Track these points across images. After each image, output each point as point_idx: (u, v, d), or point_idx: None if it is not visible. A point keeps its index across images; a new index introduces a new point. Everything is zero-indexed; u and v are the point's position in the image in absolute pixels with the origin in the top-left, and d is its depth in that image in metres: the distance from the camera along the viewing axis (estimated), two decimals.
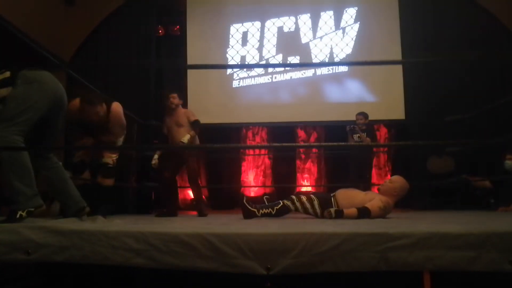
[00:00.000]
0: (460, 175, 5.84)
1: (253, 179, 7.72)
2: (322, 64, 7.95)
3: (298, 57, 7.29)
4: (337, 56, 7.28)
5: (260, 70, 7.38)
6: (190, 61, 7.33)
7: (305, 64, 8.13)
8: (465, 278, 1.94)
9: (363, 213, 3.37)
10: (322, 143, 7.47)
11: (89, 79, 3.96)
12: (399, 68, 7.16)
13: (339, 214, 3.34)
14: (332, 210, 3.36)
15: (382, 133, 7.78)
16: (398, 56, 7.02)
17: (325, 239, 1.86)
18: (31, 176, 2.59)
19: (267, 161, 7.81)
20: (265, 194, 4.04)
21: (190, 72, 7.40)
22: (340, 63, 7.96)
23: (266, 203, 3.61)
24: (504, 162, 5.39)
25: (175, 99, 4.89)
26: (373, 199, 3.52)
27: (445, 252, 1.84)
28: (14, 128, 2.54)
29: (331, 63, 8.05)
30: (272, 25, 7.44)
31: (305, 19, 7.42)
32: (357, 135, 5.81)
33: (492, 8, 7.02)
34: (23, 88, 2.65)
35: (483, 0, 7.04)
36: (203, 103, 7.25)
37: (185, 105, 7.63)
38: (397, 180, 3.76)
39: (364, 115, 5.93)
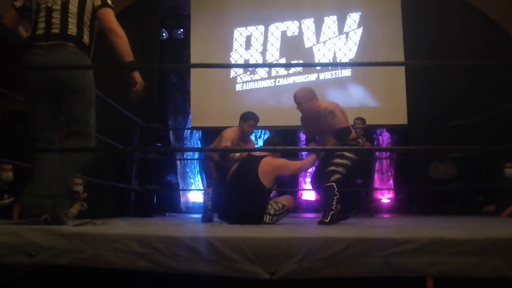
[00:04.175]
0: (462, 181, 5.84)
1: None
2: (324, 64, 7.94)
3: (301, 62, 7.28)
4: (340, 60, 7.28)
5: (263, 74, 7.38)
6: None
7: (308, 64, 8.11)
8: (468, 284, 1.93)
9: (343, 134, 3.57)
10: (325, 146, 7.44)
11: None
12: (401, 73, 7.15)
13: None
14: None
15: (385, 138, 7.78)
16: (400, 61, 6.99)
17: (329, 244, 1.85)
18: None
19: None
20: None
21: (193, 76, 7.40)
22: (342, 64, 7.95)
23: None
24: (504, 170, 5.39)
25: (255, 127, 4.63)
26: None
27: (448, 258, 1.83)
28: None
29: (333, 63, 8.04)
30: (276, 29, 7.44)
31: (308, 24, 7.42)
32: (358, 139, 5.79)
33: (494, 15, 7.02)
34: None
35: (485, 7, 7.04)
36: (206, 106, 7.26)
37: (188, 108, 7.69)
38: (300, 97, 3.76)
39: (362, 120, 5.93)
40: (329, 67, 7.40)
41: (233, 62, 7.33)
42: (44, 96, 2.61)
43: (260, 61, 7.34)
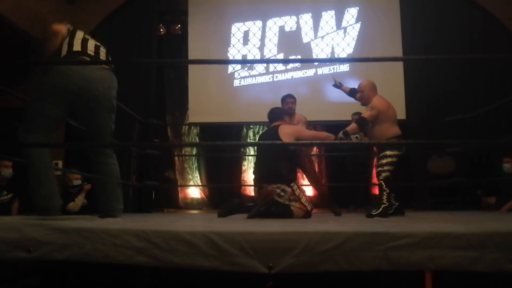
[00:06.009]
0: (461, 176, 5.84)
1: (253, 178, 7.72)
2: (322, 60, 7.92)
3: (299, 57, 7.28)
4: (338, 55, 7.26)
5: (261, 69, 7.37)
6: None
7: (306, 60, 8.09)
8: (466, 278, 1.93)
9: (361, 123, 3.95)
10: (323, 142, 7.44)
11: None
12: (400, 68, 7.14)
13: (346, 134, 3.85)
14: (340, 133, 3.81)
15: None
16: (399, 55, 6.99)
17: (328, 238, 1.85)
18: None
19: None
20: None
21: (191, 72, 7.38)
22: (341, 59, 7.92)
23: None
24: (502, 165, 5.39)
25: (294, 104, 4.91)
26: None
27: (447, 252, 1.83)
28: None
29: (332, 59, 8.02)
30: (274, 24, 7.42)
31: (306, 19, 7.41)
32: (356, 135, 5.78)
33: (493, 8, 7.00)
34: None
35: (484, 1, 7.02)
36: (204, 102, 7.25)
37: (185, 104, 7.68)
38: (365, 86, 4.28)
39: (359, 114, 5.91)
40: (327, 62, 7.39)
41: (231, 57, 7.31)
42: (62, 103, 2.81)
43: (258, 57, 7.32)
